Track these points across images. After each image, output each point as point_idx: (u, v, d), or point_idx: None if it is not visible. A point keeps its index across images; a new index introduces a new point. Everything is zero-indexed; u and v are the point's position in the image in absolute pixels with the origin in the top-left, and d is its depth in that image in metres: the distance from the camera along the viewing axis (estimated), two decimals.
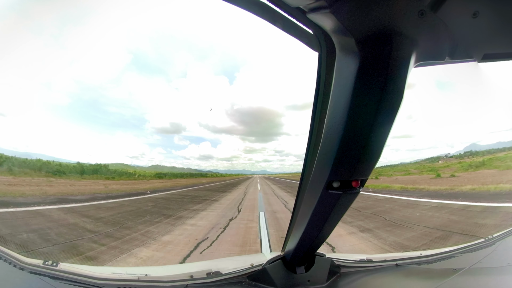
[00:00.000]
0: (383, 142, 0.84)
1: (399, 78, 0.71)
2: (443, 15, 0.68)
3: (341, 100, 0.78)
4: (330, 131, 0.85)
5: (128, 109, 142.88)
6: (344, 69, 0.76)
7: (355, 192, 0.98)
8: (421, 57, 0.75)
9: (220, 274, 1.40)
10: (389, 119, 0.78)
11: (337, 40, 0.75)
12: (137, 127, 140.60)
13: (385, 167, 45.97)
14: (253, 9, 0.95)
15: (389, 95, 0.73)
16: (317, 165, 0.99)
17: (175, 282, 1.33)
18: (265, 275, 1.38)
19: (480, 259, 1.61)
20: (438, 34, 0.72)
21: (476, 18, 0.69)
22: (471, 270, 1.49)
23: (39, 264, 1.36)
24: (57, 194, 13.22)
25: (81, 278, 1.28)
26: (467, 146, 43.85)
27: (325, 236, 1.29)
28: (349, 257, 1.69)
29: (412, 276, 1.56)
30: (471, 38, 0.76)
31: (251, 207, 11.93)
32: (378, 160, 0.89)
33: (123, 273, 1.49)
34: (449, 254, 1.78)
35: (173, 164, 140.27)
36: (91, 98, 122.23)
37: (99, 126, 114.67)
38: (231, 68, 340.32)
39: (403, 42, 0.68)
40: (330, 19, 0.67)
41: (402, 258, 1.74)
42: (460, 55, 0.80)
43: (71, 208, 9.32)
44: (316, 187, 1.01)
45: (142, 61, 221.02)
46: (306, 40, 0.97)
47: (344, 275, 1.49)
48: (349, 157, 0.86)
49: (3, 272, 1.32)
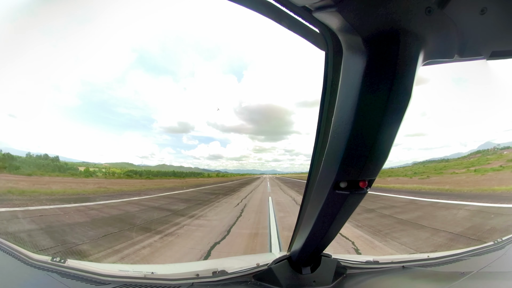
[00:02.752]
0: (391, 141, 0.83)
1: (407, 77, 0.71)
2: (450, 12, 0.67)
3: (348, 99, 0.78)
4: (338, 130, 0.84)
5: (137, 110, 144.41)
6: (351, 68, 0.76)
7: (363, 193, 0.97)
8: (429, 55, 0.74)
9: (226, 273, 1.41)
10: (397, 118, 0.77)
11: (344, 38, 0.75)
12: (146, 128, 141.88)
13: (429, 161, 41.58)
14: (260, 8, 0.95)
15: (397, 94, 0.72)
16: (324, 165, 0.99)
17: (181, 280, 1.34)
18: (271, 275, 1.38)
19: (489, 263, 1.58)
20: (446, 31, 0.71)
21: (484, 15, 0.68)
22: (479, 274, 1.46)
23: (47, 261, 1.39)
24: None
25: (88, 274, 1.30)
26: (481, 145, 42.27)
27: (332, 236, 1.28)
28: (356, 258, 1.68)
29: (419, 279, 1.54)
30: (479, 35, 0.75)
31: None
32: (386, 160, 0.88)
33: (129, 270, 1.51)
34: (457, 257, 1.75)
35: (182, 164, 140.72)
36: (101, 100, 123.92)
37: (109, 126, 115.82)
38: (239, 66, 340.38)
39: (410, 40, 0.67)
40: (336, 17, 0.67)
41: (409, 260, 1.72)
42: (468, 53, 0.79)
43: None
44: (323, 187, 1.00)
45: (150, 62, 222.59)
46: (312, 39, 0.97)
47: (350, 276, 1.48)
48: (356, 157, 0.85)
49: (12, 268, 1.35)
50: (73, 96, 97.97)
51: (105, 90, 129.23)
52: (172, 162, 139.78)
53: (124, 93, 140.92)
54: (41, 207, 8.44)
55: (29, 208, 8.15)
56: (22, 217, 6.85)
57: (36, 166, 25.64)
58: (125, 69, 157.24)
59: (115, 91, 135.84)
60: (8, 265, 1.39)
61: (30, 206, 8.48)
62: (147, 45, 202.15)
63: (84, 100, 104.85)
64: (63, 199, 10.53)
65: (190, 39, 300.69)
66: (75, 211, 8.47)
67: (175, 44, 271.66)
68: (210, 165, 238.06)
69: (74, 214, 8.11)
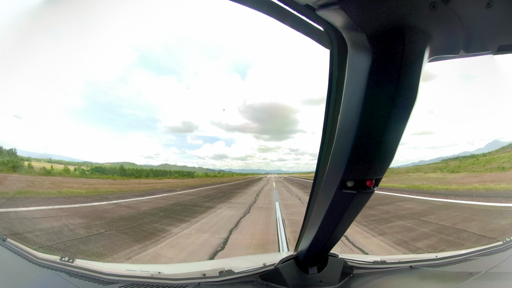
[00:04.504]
0: (398, 140, 0.82)
1: (413, 74, 0.70)
2: (455, 7, 0.66)
3: (354, 97, 0.77)
4: (344, 129, 0.84)
5: (142, 110, 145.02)
6: (356, 66, 0.76)
7: (370, 192, 0.96)
8: (435, 51, 0.73)
9: (233, 272, 1.41)
10: (403, 116, 0.76)
11: (348, 36, 0.75)
12: (151, 128, 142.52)
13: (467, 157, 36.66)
14: (263, 8, 0.95)
15: (403, 91, 0.71)
16: (330, 164, 0.99)
17: (188, 280, 1.35)
18: (277, 275, 1.38)
19: (497, 263, 1.56)
20: (451, 26, 0.70)
21: (490, 8, 0.67)
22: (487, 274, 1.44)
23: (56, 260, 1.41)
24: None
25: (96, 274, 1.32)
26: (489, 143, 40.88)
27: (339, 236, 1.28)
28: (363, 258, 1.67)
29: (426, 279, 1.52)
30: (485, 29, 0.74)
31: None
32: (392, 159, 0.88)
33: (137, 270, 1.52)
34: (465, 257, 1.73)
35: (187, 164, 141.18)
36: (106, 101, 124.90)
37: (115, 127, 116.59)
38: (243, 66, 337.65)
39: (415, 36, 0.67)
40: (340, 15, 0.67)
41: (416, 260, 1.70)
42: (475, 48, 0.77)
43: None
44: (330, 187, 1.00)
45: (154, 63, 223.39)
46: (316, 37, 0.97)
47: (357, 276, 1.47)
48: (363, 156, 0.85)
49: (21, 268, 1.37)
50: (79, 98, 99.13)
51: (110, 91, 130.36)
52: (177, 162, 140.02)
53: (129, 94, 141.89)
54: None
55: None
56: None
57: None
58: (130, 71, 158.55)
59: (120, 92, 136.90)
60: (16, 265, 1.41)
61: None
62: (151, 46, 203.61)
63: (89, 101, 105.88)
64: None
65: (194, 39, 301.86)
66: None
67: (179, 45, 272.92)
68: (215, 164, 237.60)
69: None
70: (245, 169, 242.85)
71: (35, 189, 13.43)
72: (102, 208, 10.53)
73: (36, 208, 8.75)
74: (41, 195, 11.75)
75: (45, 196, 11.78)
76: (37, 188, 13.87)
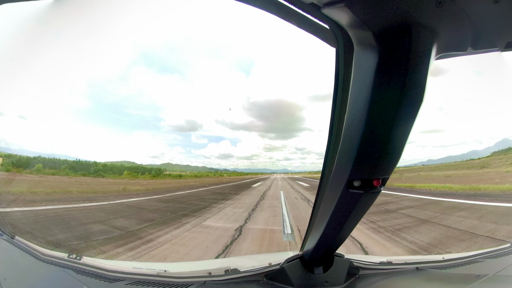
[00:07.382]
0: (405, 139, 0.81)
1: (420, 71, 0.69)
2: (462, 3, 0.66)
3: (360, 96, 0.77)
4: (350, 128, 0.83)
5: (148, 111, 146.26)
6: (362, 64, 0.75)
7: (376, 192, 0.95)
8: (443, 49, 0.72)
9: (238, 271, 1.41)
10: (411, 114, 0.76)
11: (354, 34, 0.74)
12: (156, 127, 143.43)
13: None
14: (268, 7, 0.95)
15: (410, 89, 0.71)
16: (337, 164, 0.98)
17: (193, 278, 1.35)
18: (283, 275, 1.37)
19: (505, 266, 1.53)
20: (458, 23, 0.69)
21: (497, 4, 0.66)
22: (495, 277, 1.41)
23: (64, 257, 1.43)
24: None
25: (103, 271, 1.34)
26: (498, 142, 39.73)
27: (345, 236, 1.27)
28: (369, 258, 1.65)
29: (433, 281, 1.50)
30: (493, 25, 0.73)
31: None
32: (400, 158, 0.87)
33: (143, 267, 1.53)
34: (472, 259, 1.70)
35: (194, 163, 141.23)
36: (112, 101, 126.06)
37: (121, 127, 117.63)
38: (247, 64, 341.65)
39: (422, 33, 0.66)
40: (346, 13, 0.66)
41: (423, 261, 1.68)
42: (482, 45, 0.76)
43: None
44: (336, 186, 0.99)
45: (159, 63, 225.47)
46: (322, 36, 0.97)
47: (363, 277, 1.45)
48: (370, 155, 0.84)
49: (28, 265, 1.40)
50: (85, 99, 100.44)
51: (116, 91, 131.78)
52: (183, 162, 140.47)
53: (135, 94, 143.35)
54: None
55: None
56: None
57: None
58: (135, 71, 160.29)
59: (126, 93, 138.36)
60: (25, 262, 1.43)
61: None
62: (156, 46, 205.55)
63: (95, 102, 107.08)
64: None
65: (199, 39, 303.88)
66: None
67: (184, 45, 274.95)
68: (221, 164, 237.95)
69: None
70: (251, 169, 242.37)
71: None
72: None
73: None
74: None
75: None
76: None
